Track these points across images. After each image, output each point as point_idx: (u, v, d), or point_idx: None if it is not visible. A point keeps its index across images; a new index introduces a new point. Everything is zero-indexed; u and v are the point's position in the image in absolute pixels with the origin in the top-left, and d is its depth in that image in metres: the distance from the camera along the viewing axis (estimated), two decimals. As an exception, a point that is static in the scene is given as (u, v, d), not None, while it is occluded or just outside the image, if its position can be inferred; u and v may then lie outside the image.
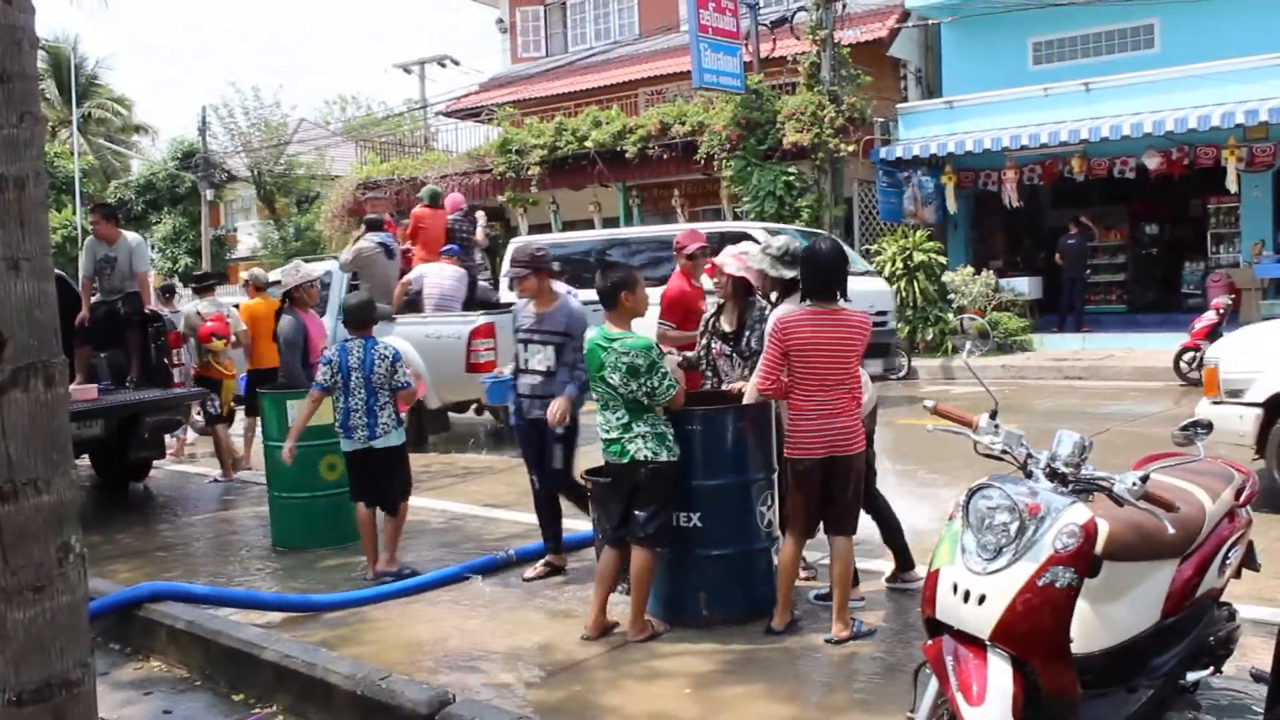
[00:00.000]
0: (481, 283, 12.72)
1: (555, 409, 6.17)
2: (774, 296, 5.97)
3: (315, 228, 30.51)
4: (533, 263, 6.51)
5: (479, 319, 11.05)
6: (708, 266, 6.56)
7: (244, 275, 12.09)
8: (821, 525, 5.42)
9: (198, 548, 8.00)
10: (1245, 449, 7.33)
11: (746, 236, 11.89)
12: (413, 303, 11.74)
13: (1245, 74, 16.14)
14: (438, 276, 11.80)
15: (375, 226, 12.29)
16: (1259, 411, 7.35)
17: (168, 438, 10.94)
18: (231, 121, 37.05)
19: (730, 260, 6.16)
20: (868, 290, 14.46)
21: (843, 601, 5.37)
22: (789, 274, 5.82)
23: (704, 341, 6.36)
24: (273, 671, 5.19)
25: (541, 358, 6.49)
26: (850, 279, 5.58)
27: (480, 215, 13.76)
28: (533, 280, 6.50)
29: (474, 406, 12.37)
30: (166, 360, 10.04)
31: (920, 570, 5.82)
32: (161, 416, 9.75)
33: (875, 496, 6.01)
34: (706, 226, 13.71)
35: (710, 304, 6.71)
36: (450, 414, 12.54)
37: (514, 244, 15.20)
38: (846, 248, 14.88)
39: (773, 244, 5.96)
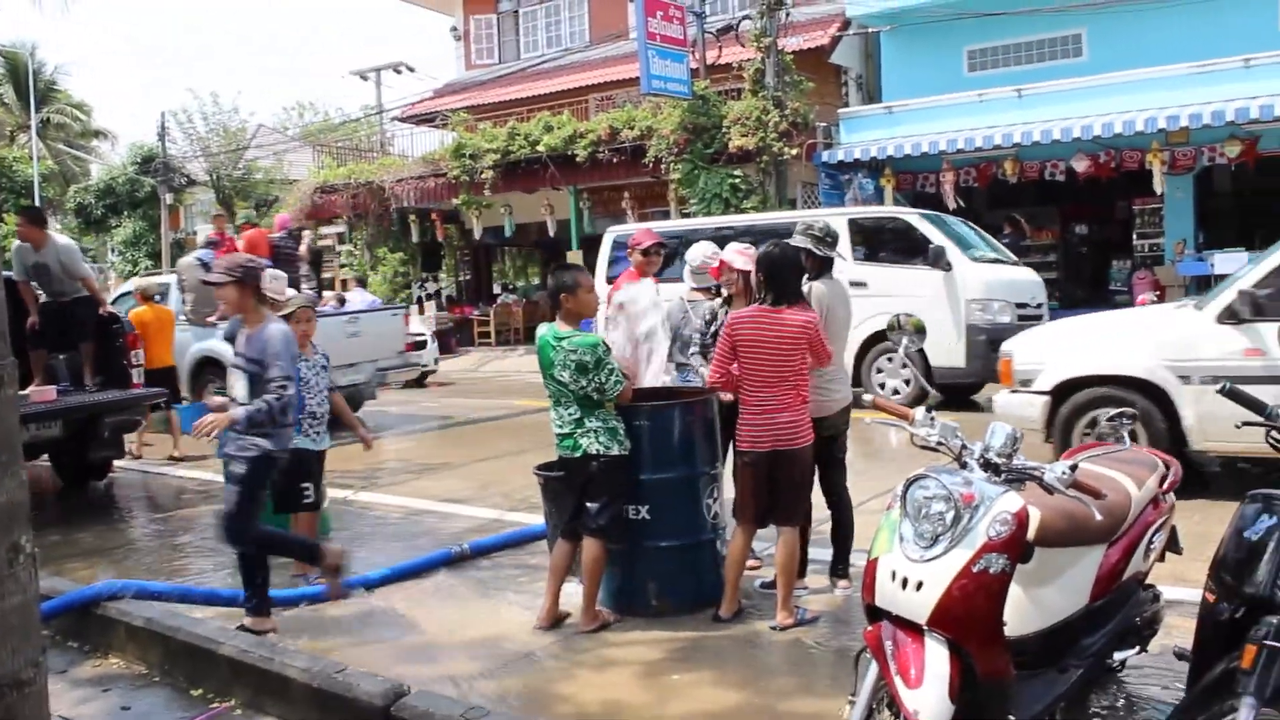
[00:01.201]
0: (306, 291, 13.41)
1: (205, 419, 5.34)
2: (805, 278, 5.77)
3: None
4: (234, 271, 5.51)
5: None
6: (714, 266, 6.47)
7: (132, 285, 13.11)
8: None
9: (157, 546, 7.87)
10: (1036, 432, 7.81)
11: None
12: None
13: (1167, 81, 16.38)
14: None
15: (211, 244, 13.79)
16: (1046, 399, 7.95)
17: (127, 437, 10.77)
18: (190, 127, 36.59)
19: (736, 256, 6.19)
20: (1016, 280, 13.32)
21: (787, 590, 5.38)
22: (830, 253, 5.88)
23: (712, 331, 6.31)
24: (230, 666, 5.11)
25: (241, 388, 5.53)
26: (997, 268, 5.56)
27: (306, 233, 15.53)
28: (231, 291, 5.51)
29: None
30: (125, 361, 9.89)
31: (843, 585, 5.85)
32: (120, 417, 9.59)
33: (841, 493, 5.98)
34: (795, 214, 13.40)
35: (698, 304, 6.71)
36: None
37: (610, 232, 15.24)
38: (986, 237, 14.31)
39: (814, 225, 5.98)
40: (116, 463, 10.56)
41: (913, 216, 13.21)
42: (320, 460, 6.73)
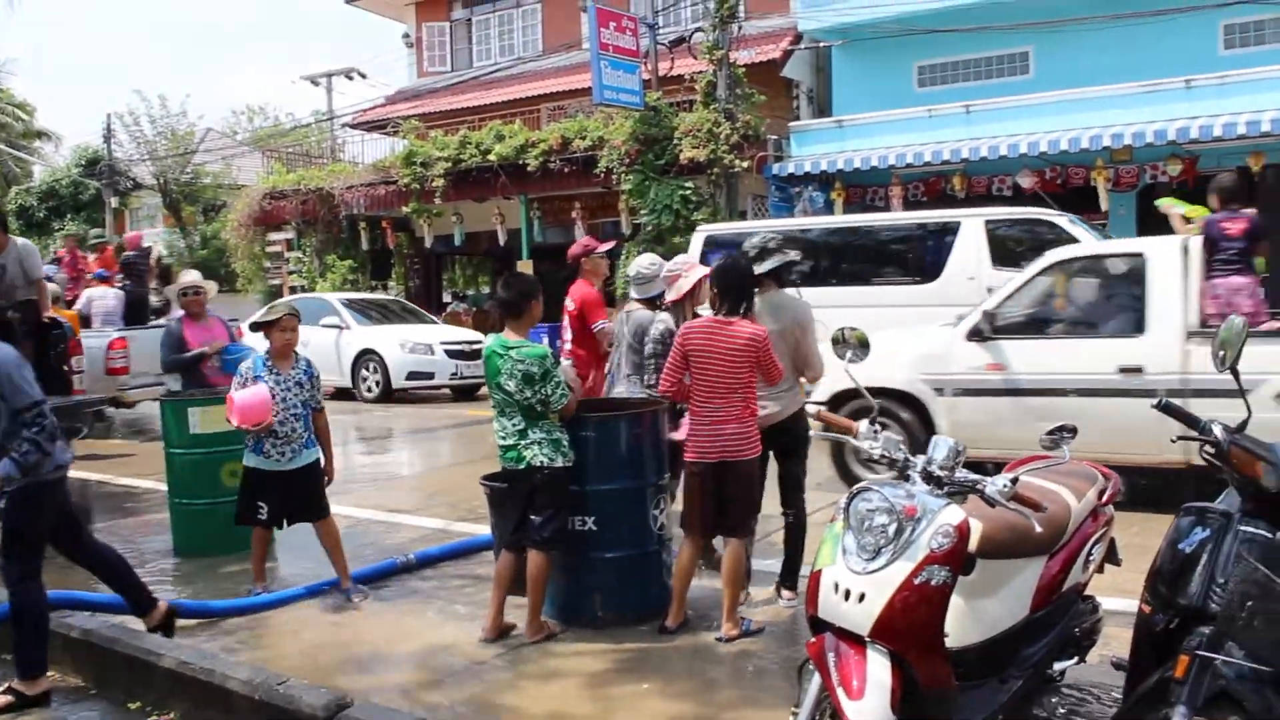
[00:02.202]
0: (154, 301, 15.01)
1: None
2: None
3: (221, 236, 29.81)
4: None
5: (114, 333, 12.55)
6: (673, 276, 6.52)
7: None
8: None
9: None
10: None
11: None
12: (86, 318, 13.29)
13: (1111, 100, 16.65)
14: (102, 298, 14.00)
15: (55, 261, 15.35)
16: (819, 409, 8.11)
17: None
18: (137, 130, 36.15)
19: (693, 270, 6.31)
20: None
21: (733, 601, 5.40)
22: (763, 268, 5.85)
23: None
24: (170, 678, 5.04)
25: None
26: None
27: (155, 249, 16.91)
28: None
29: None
30: (65, 368, 9.74)
31: (788, 595, 5.88)
32: (61, 424, 9.40)
33: (799, 507, 5.98)
34: (999, 212, 12.89)
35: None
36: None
37: (701, 231, 14.49)
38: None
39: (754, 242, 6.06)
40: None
41: (1061, 219, 12.39)
42: (287, 480, 6.35)
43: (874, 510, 3.33)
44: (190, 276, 8.58)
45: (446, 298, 29.48)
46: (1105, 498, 4.18)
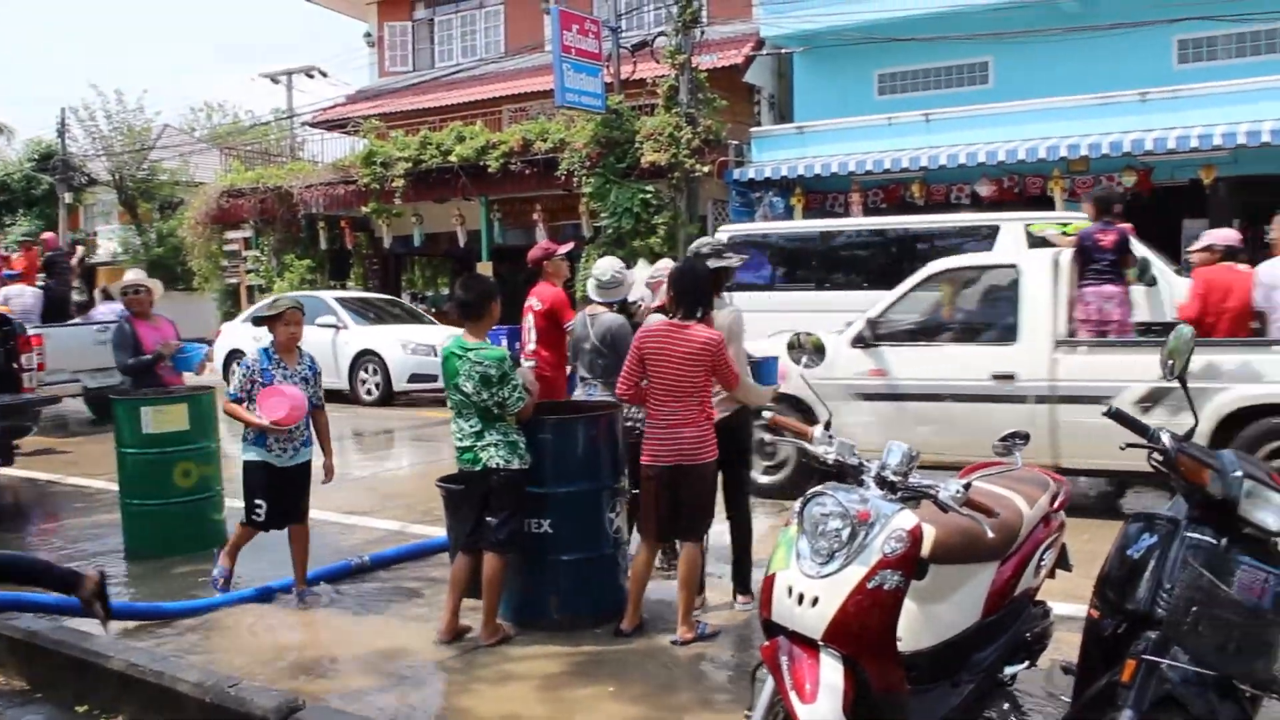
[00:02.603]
0: (76, 298, 15.74)
1: None
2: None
3: (178, 234, 29.47)
4: None
5: (32, 330, 12.34)
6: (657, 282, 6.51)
7: None
8: None
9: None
10: None
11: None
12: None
13: (1068, 111, 16.84)
14: (19, 296, 14.39)
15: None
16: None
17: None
18: (92, 124, 35.65)
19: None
20: None
21: (687, 605, 5.41)
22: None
23: None
24: (119, 681, 4.99)
25: None
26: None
27: (79, 248, 18.02)
28: None
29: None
30: (15, 365, 9.60)
31: (742, 600, 5.91)
32: (8, 422, 9.31)
33: (742, 506, 5.99)
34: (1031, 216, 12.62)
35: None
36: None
37: (731, 229, 14.06)
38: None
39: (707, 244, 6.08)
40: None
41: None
42: (287, 477, 6.27)
43: (828, 514, 3.35)
44: (133, 275, 8.42)
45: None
46: (1057, 504, 4.22)
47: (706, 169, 18.91)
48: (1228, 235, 8.84)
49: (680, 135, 18.78)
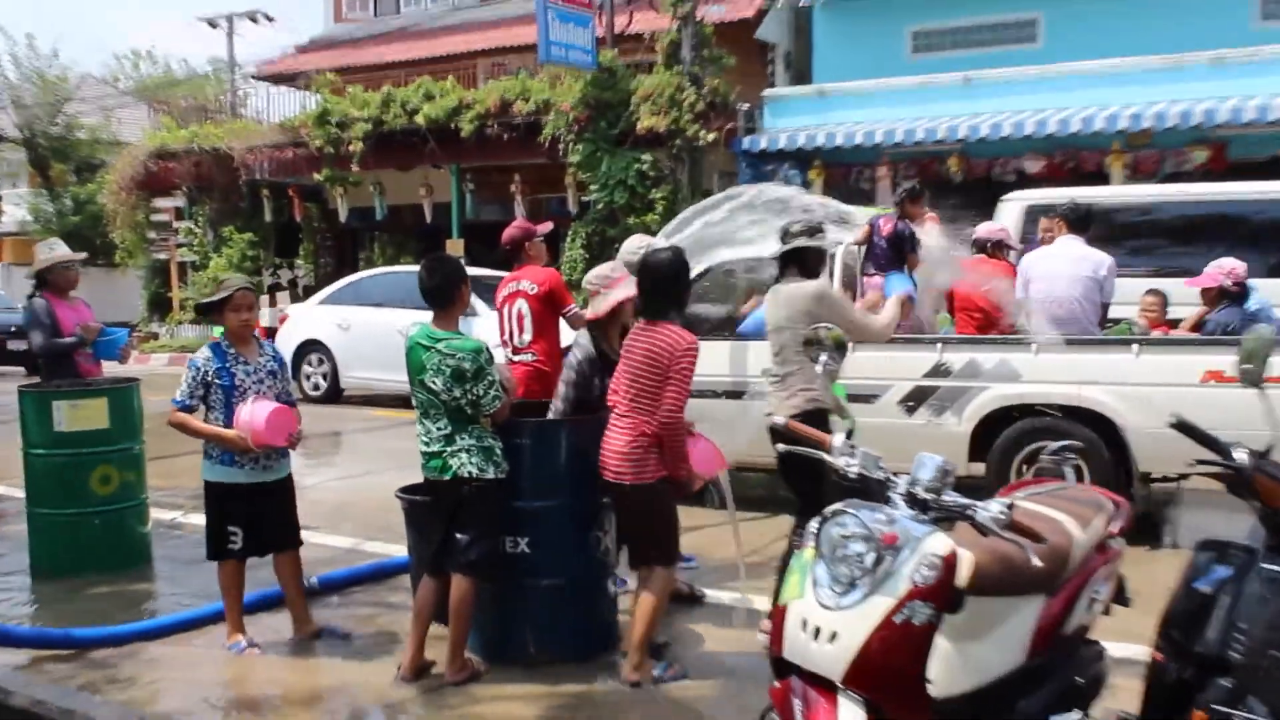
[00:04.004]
0: None
1: None
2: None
3: (98, 201, 29.41)
4: None
5: None
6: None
7: None
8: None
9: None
10: None
11: None
12: None
13: (1129, 76, 16.82)
14: None
15: None
16: None
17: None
18: (-2, 72, 35.57)
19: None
20: None
21: (641, 639, 5.41)
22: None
23: (598, 380, 6.26)
24: None
25: None
26: None
27: None
28: None
29: None
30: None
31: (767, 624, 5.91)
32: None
33: None
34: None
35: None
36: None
37: (1019, 200, 12.63)
38: None
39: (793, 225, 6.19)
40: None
41: None
42: (266, 495, 6.05)
43: (849, 537, 3.34)
44: (61, 249, 8.33)
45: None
46: (1115, 528, 4.22)
47: (712, 137, 18.91)
48: (990, 229, 9.43)
49: (682, 98, 18.78)
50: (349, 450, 13.16)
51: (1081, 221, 8.47)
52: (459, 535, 5.36)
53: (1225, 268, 8.44)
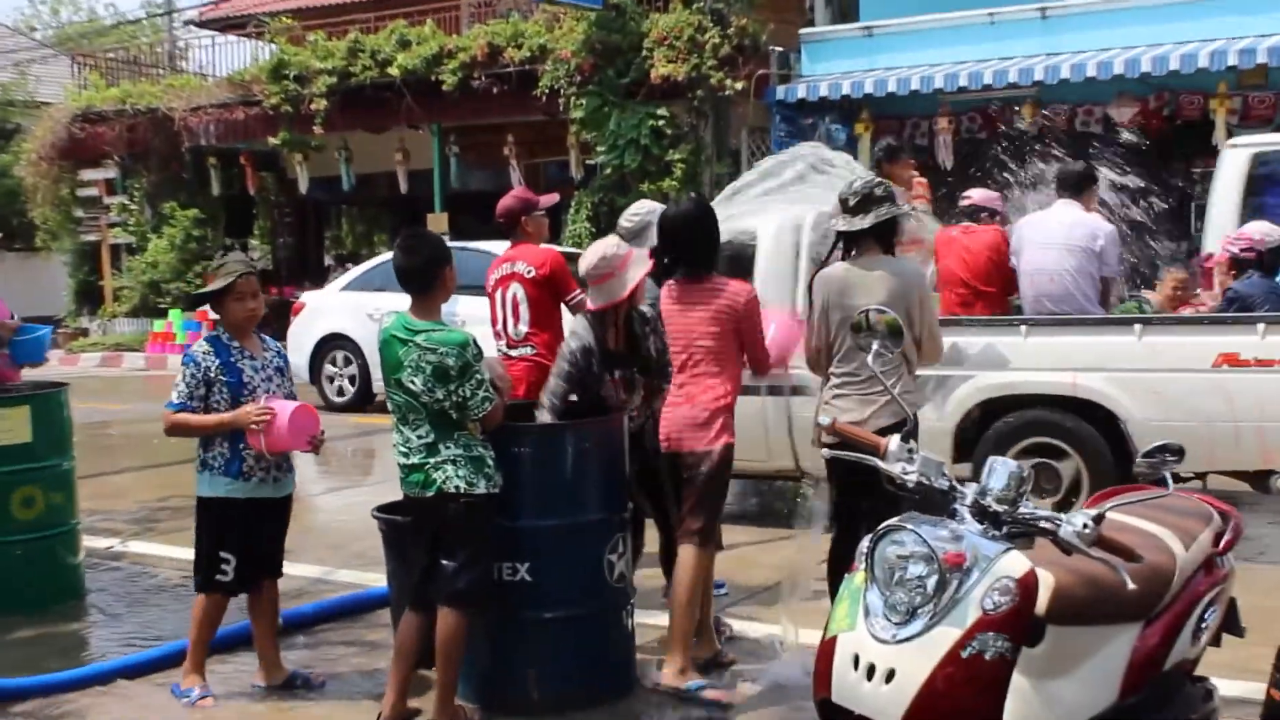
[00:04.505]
0: None
1: None
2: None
3: (13, 174, 29.48)
4: None
5: None
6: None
7: None
8: None
9: None
10: None
11: None
12: None
13: (1240, 3, 16.72)
14: None
15: None
16: None
17: None
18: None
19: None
20: None
21: (683, 634, 5.55)
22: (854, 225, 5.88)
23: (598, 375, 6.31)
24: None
25: None
26: None
27: None
28: None
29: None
30: None
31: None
32: None
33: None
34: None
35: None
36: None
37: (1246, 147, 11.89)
38: None
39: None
40: None
41: None
42: (270, 511, 6.01)
43: (907, 557, 3.35)
44: None
45: (329, 262, 29.39)
46: (1223, 544, 4.22)
47: (740, 86, 18.88)
48: (987, 196, 9.41)
49: (704, 40, 18.77)
50: (320, 463, 13.18)
51: (1076, 183, 8.50)
52: (445, 561, 5.37)
53: (1235, 234, 8.53)
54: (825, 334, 5.80)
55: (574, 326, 6.50)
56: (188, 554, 8.49)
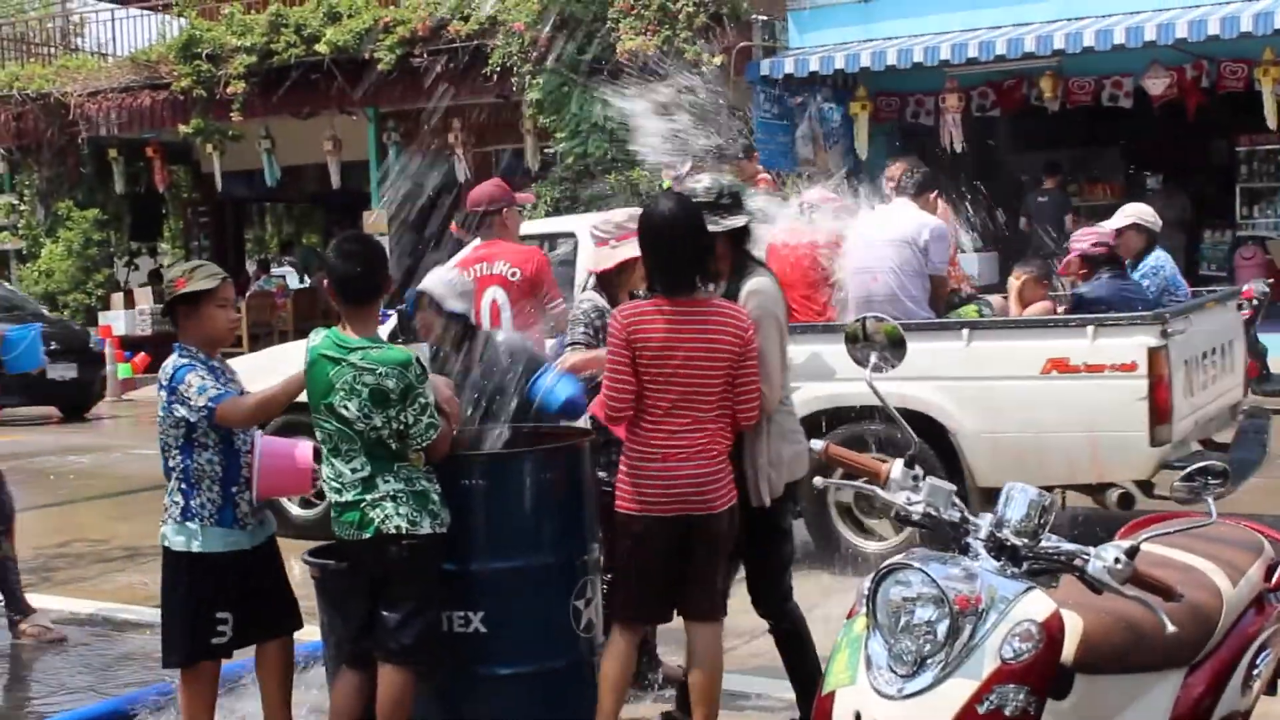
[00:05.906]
0: None
1: None
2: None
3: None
4: None
5: None
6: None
7: None
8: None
9: None
10: None
11: None
12: None
13: (1284, -40, 16.84)
14: None
15: None
16: None
17: None
18: None
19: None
20: None
21: None
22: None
23: None
24: None
25: None
26: None
27: None
28: None
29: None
30: None
31: None
32: None
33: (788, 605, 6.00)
34: None
35: None
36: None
37: None
38: None
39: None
40: None
41: None
42: (258, 562, 5.84)
43: (914, 599, 3.35)
44: None
45: (251, 268, 29.31)
46: (1276, 579, 4.23)
47: (719, 60, 18.90)
48: (824, 195, 9.50)
49: (676, 7, 18.80)
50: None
51: (918, 185, 8.85)
52: (387, 612, 5.36)
53: (1084, 230, 8.97)
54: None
55: (586, 293, 6.52)
56: (87, 606, 8.55)
